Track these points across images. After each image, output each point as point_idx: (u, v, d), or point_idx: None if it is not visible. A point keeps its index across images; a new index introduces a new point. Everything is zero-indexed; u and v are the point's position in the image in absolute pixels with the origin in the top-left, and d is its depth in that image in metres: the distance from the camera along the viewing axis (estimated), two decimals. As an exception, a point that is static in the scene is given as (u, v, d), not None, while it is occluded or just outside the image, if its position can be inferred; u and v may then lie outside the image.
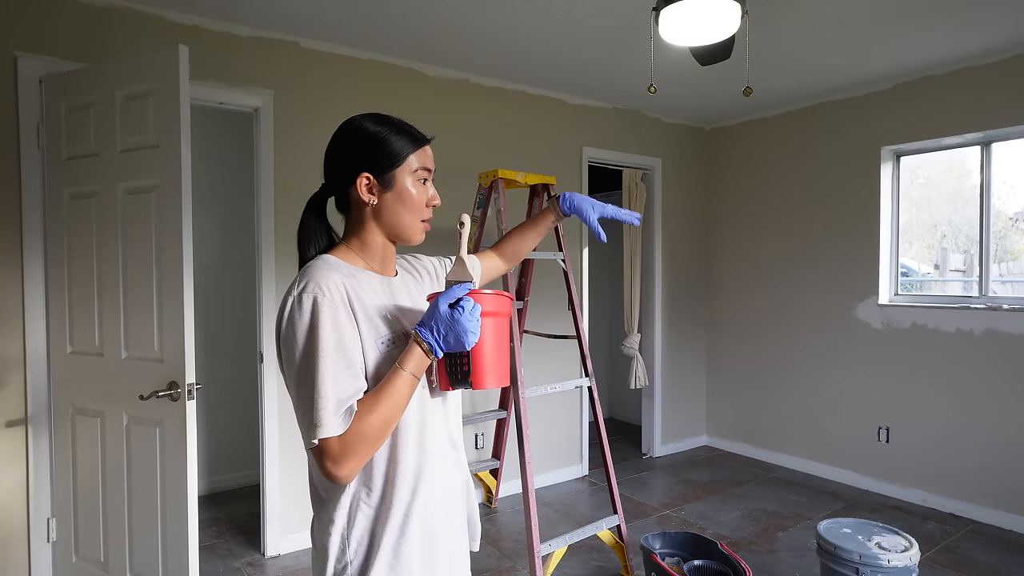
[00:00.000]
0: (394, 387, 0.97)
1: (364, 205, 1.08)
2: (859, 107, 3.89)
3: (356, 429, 0.94)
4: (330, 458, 0.94)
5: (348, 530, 1.02)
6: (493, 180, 2.92)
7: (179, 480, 2.10)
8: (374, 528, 1.02)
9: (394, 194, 1.08)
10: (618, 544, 2.80)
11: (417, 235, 1.11)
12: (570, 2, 2.64)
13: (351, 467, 0.95)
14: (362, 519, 1.02)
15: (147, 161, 2.14)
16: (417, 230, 1.11)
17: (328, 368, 0.94)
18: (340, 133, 1.09)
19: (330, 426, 0.93)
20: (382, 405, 0.96)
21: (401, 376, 0.97)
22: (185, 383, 2.06)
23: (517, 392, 2.61)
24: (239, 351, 3.92)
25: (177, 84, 2.06)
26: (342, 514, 1.02)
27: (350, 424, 0.94)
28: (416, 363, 0.98)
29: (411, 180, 1.08)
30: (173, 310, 2.09)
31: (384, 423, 0.96)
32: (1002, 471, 3.29)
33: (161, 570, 2.17)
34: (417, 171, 1.09)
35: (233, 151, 3.93)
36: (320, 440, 0.93)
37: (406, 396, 0.98)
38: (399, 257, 1.22)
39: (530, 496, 2.51)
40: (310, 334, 0.95)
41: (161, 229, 2.12)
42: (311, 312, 0.96)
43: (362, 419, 0.95)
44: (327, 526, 1.02)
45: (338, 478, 0.95)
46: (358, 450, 0.95)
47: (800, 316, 4.24)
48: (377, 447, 0.97)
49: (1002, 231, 3.52)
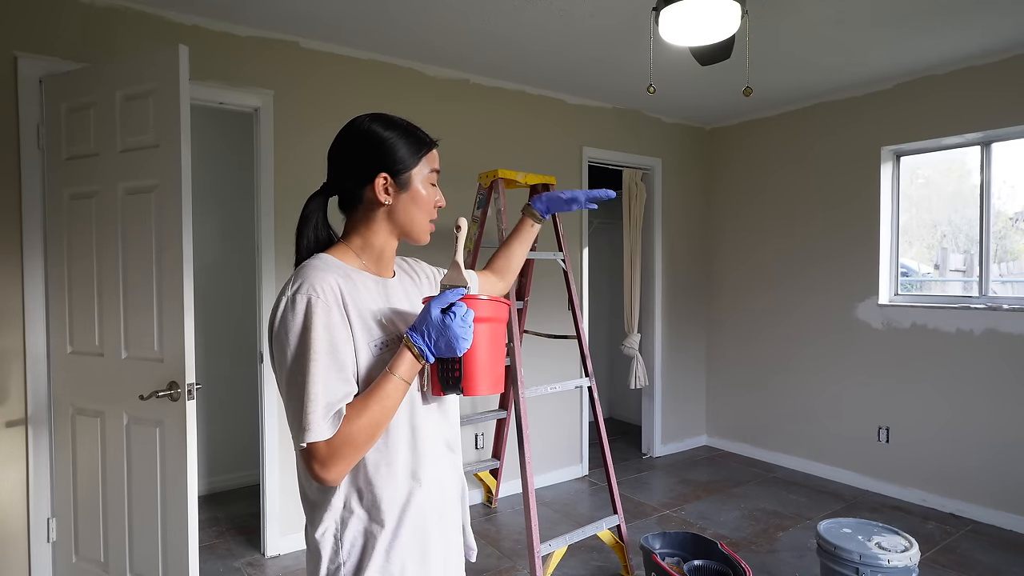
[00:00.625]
0: (383, 391, 0.96)
1: (378, 205, 1.08)
2: (859, 107, 3.89)
3: (344, 433, 0.94)
4: (318, 461, 0.94)
5: (341, 531, 1.01)
6: (493, 180, 2.92)
7: (179, 480, 2.10)
8: (367, 530, 1.01)
9: (409, 195, 1.09)
10: (618, 544, 2.80)
11: (426, 235, 1.14)
12: (570, 2, 2.64)
13: (339, 470, 0.95)
14: (355, 521, 1.01)
15: (147, 161, 2.14)
16: (427, 230, 1.13)
17: (319, 371, 0.94)
18: (350, 134, 1.09)
19: (318, 430, 0.92)
20: (370, 409, 0.95)
21: (391, 380, 0.96)
22: (185, 383, 2.06)
23: (517, 392, 2.61)
24: (239, 351, 3.92)
25: (177, 84, 2.06)
26: (334, 515, 1.01)
27: (338, 428, 0.94)
28: (406, 368, 0.97)
29: (424, 182, 1.10)
30: (173, 310, 2.09)
31: (373, 427, 0.96)
32: (1002, 471, 3.29)
33: (161, 570, 2.17)
34: (429, 173, 1.11)
35: (233, 151, 3.93)
36: (308, 444, 0.93)
37: (396, 400, 0.97)
38: (397, 259, 1.22)
39: (530, 496, 2.51)
40: (303, 335, 0.95)
41: (161, 229, 2.12)
42: (304, 313, 0.96)
43: (350, 423, 0.94)
44: (319, 527, 1.02)
45: (326, 481, 0.95)
46: (345, 454, 0.94)
47: (800, 316, 4.24)
48: (365, 450, 0.97)
49: (1002, 231, 3.52)
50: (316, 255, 1.06)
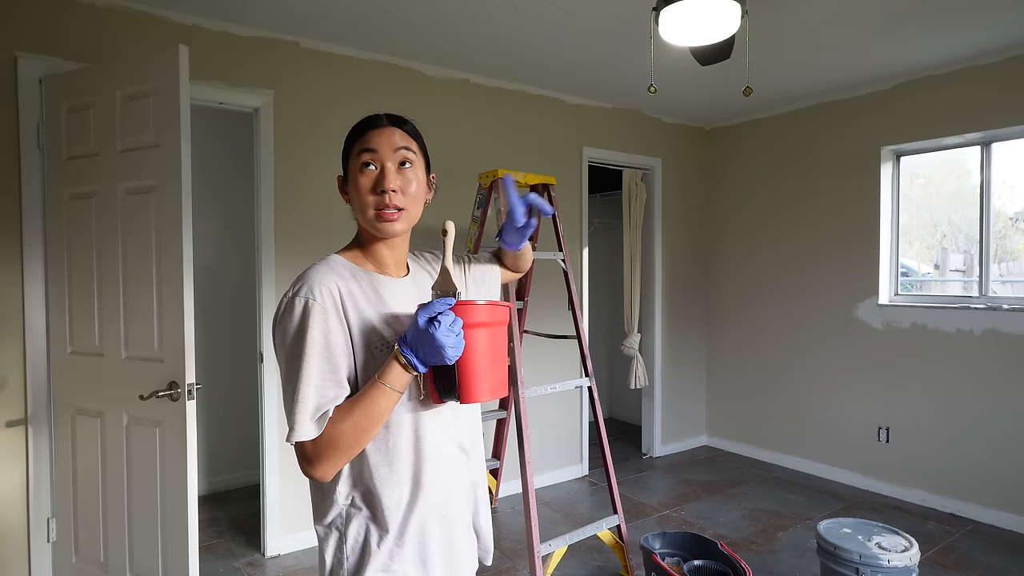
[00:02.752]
0: (369, 398, 0.95)
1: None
2: (859, 107, 3.89)
3: (328, 435, 0.95)
4: (304, 459, 0.97)
5: (344, 526, 1.03)
6: (494, 180, 2.91)
7: (179, 480, 2.10)
8: (368, 529, 1.02)
9: (351, 188, 1.06)
10: (618, 544, 2.80)
11: (378, 225, 1.04)
12: (570, 2, 2.64)
13: (324, 469, 0.97)
14: (358, 517, 1.02)
15: (147, 161, 2.14)
16: (374, 220, 1.04)
17: (312, 372, 0.95)
18: None
19: (303, 431, 0.94)
20: (354, 414, 0.96)
21: (377, 388, 0.95)
22: (185, 383, 2.06)
23: (517, 392, 2.61)
24: (239, 351, 3.92)
25: (177, 84, 2.06)
26: (338, 509, 1.03)
27: (323, 430, 0.95)
28: (394, 376, 0.95)
29: (354, 168, 1.05)
30: (173, 310, 2.09)
31: (357, 432, 0.96)
32: (1002, 471, 3.29)
33: (161, 570, 2.17)
34: (358, 155, 1.04)
35: (233, 151, 3.93)
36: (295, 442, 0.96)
37: (383, 408, 0.96)
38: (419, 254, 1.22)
39: (530, 496, 2.51)
40: (297, 337, 0.97)
41: (161, 229, 2.12)
42: (300, 316, 0.97)
43: (335, 425, 0.95)
44: (324, 518, 1.04)
45: (314, 477, 0.98)
46: (330, 455, 0.96)
47: (800, 316, 4.24)
48: (353, 452, 0.97)
49: (1002, 231, 3.52)
50: (328, 256, 1.08)
